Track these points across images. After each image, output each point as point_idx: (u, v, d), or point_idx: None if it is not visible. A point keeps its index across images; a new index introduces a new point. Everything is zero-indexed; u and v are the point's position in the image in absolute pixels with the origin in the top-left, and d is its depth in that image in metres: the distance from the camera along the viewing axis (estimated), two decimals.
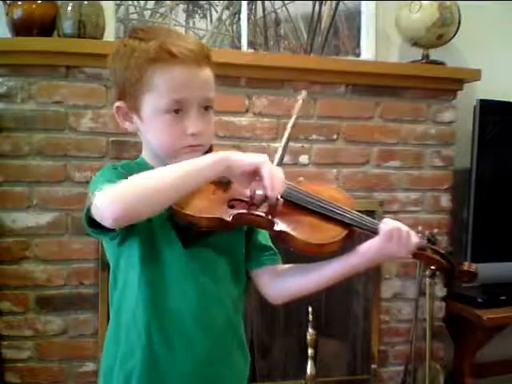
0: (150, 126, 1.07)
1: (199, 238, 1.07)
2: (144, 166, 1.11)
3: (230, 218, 1.01)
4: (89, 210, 0.98)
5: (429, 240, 1.09)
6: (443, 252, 1.10)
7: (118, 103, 1.09)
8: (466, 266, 1.09)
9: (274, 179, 0.99)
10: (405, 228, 1.05)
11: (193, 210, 1.01)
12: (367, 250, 1.04)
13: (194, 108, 1.05)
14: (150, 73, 1.03)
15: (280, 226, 1.03)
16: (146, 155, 1.14)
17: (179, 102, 1.04)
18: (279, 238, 1.04)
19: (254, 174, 0.99)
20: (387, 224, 1.05)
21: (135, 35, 1.07)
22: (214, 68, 1.10)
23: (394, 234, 1.03)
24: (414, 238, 1.05)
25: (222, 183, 1.07)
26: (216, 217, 1.02)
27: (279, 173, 1.02)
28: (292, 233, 1.02)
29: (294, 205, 1.06)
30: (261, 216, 1.02)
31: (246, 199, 1.03)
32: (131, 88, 1.05)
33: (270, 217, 1.03)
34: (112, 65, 1.09)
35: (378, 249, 1.04)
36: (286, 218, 1.04)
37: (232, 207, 1.03)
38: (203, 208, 1.02)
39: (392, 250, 1.03)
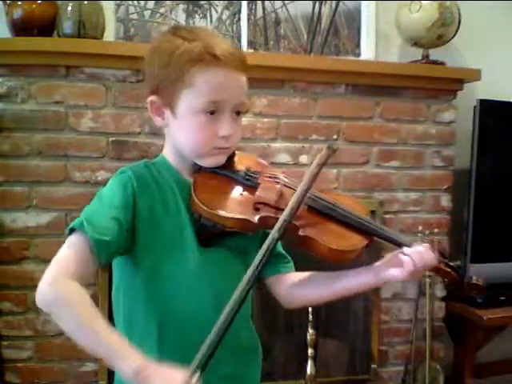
0: (183, 124, 1.08)
1: (215, 238, 1.08)
2: (164, 166, 1.12)
3: (256, 221, 1.03)
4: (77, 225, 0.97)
5: (441, 253, 1.11)
6: (454, 266, 1.14)
7: (152, 97, 1.09)
8: (474, 279, 1.15)
9: None
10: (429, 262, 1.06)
11: (221, 210, 1.04)
12: (389, 278, 1.06)
13: (227, 111, 1.07)
14: (191, 72, 1.04)
15: (305, 231, 1.05)
16: (168, 154, 1.14)
17: (216, 103, 1.05)
18: (303, 243, 1.06)
19: None
20: (416, 265, 1.04)
21: (179, 33, 1.08)
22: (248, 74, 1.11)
23: (417, 271, 1.05)
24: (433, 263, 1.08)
25: (249, 186, 1.10)
26: (243, 218, 1.04)
27: None
28: (316, 238, 1.05)
29: (317, 212, 1.09)
30: None
31: (271, 203, 1.06)
32: (170, 85, 1.06)
33: (295, 222, 1.04)
34: (151, 59, 1.09)
35: (400, 280, 1.06)
36: (310, 224, 1.07)
37: (257, 210, 1.06)
38: (231, 208, 1.05)
39: (411, 278, 1.06)
